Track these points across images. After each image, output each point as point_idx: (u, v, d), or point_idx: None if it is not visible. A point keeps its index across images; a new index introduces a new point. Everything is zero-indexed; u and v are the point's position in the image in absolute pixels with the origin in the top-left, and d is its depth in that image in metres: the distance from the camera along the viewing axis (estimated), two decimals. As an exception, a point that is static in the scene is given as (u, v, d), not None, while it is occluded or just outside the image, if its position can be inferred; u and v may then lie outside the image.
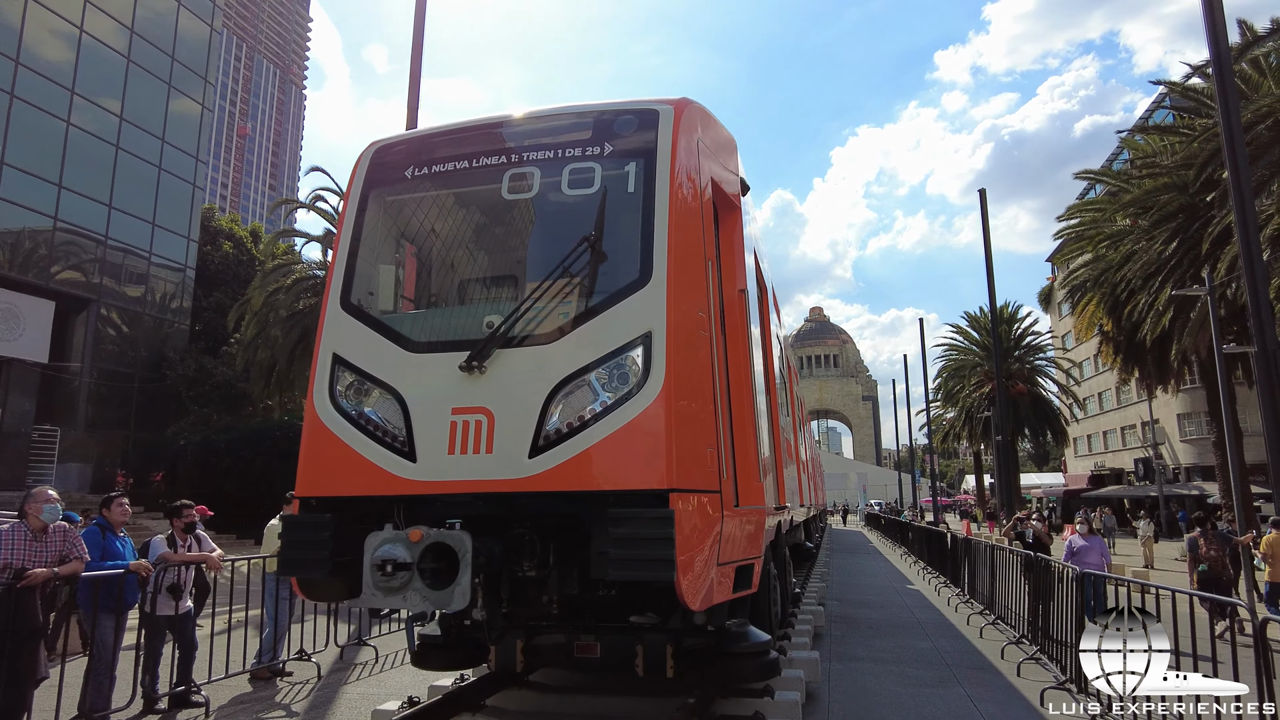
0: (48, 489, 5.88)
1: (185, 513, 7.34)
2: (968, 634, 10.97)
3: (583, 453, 4.05)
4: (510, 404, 4.22)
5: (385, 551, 3.94)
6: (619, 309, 4.27)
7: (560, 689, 6.59)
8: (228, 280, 33.84)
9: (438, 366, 4.42)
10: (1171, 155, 21.30)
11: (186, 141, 31.91)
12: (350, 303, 4.85)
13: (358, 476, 4.39)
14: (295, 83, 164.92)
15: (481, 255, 5.28)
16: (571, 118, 4.99)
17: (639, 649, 5.39)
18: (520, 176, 4.80)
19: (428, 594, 3.89)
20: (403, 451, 4.32)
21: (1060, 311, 65.87)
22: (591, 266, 4.39)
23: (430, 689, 6.62)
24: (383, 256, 5.13)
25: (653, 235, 4.37)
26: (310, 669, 8.36)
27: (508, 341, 4.34)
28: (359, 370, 4.61)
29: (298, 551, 4.34)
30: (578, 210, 4.64)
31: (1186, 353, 22.49)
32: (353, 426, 4.49)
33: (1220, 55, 11.84)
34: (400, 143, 5.29)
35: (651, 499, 3.96)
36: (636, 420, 4.03)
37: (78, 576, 5.90)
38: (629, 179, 4.61)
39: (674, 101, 4.87)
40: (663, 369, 4.09)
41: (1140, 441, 49.96)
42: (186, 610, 7.04)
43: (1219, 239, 17.95)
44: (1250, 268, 11.36)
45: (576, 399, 4.17)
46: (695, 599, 4.05)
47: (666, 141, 4.62)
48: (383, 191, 5.16)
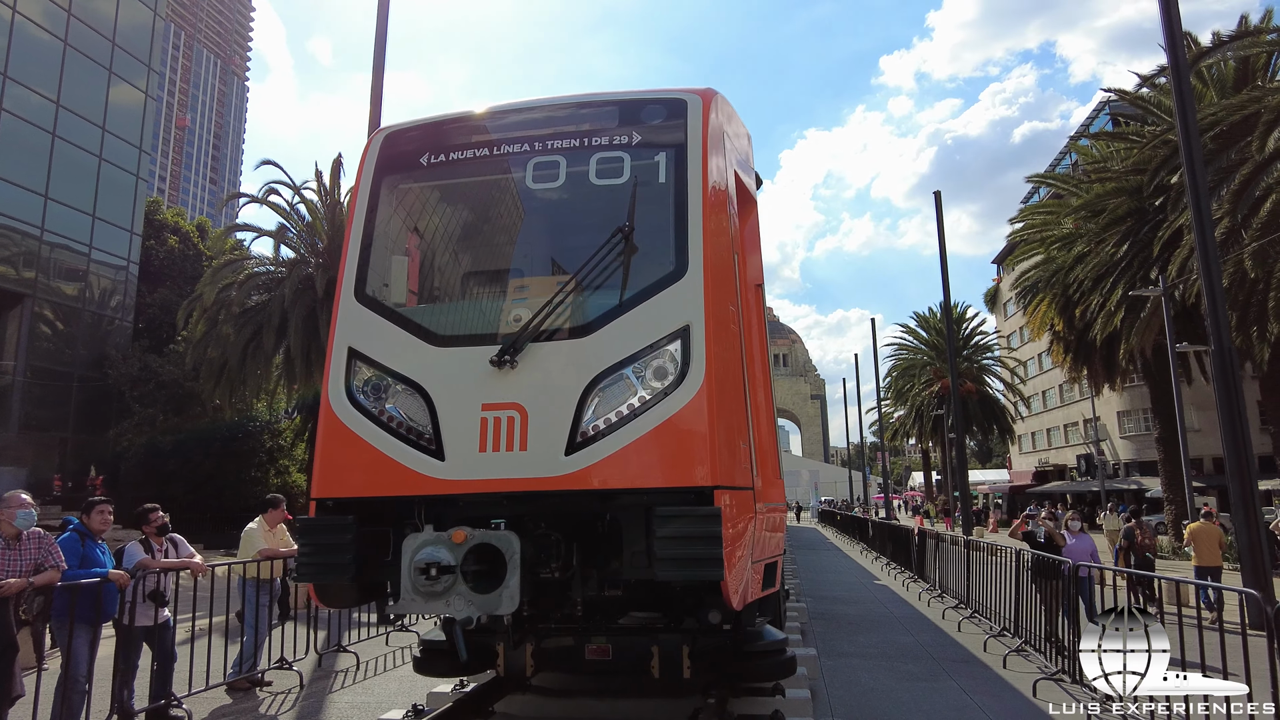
0: (20, 493, 5.49)
1: (153, 516, 6.96)
2: (945, 628, 11.13)
3: (622, 450, 3.92)
4: (544, 400, 4.07)
5: (428, 554, 3.74)
6: (655, 302, 4.16)
7: (565, 692, 6.44)
8: (173, 276, 32.60)
9: (465, 361, 4.23)
10: (1122, 161, 22.04)
11: (129, 131, 30.63)
12: (366, 294, 4.62)
13: (381, 476, 4.18)
14: (237, 74, 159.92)
15: (505, 246, 5.09)
16: (595, 106, 4.85)
17: (654, 650, 5.28)
18: (545, 165, 4.64)
19: (472, 597, 3.71)
20: (429, 450, 4.13)
21: (1006, 312, 67.88)
22: (625, 258, 4.26)
23: (430, 695, 6.41)
24: (397, 247, 4.91)
25: (687, 227, 4.26)
26: (290, 678, 8.03)
27: (539, 335, 4.19)
28: (378, 365, 4.39)
29: (320, 556, 4.10)
30: (607, 200, 4.51)
31: (1134, 351, 23.29)
32: (373, 424, 4.27)
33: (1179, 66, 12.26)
34: (412, 130, 5.07)
35: (695, 497, 3.86)
36: (677, 416, 3.92)
37: (54, 586, 5.53)
38: (660, 169, 4.49)
39: (700, 91, 4.77)
40: (703, 364, 3.99)
41: (1082, 438, 51.76)
42: (165, 620, 6.67)
43: (1169, 242, 18.63)
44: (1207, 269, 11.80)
45: (613, 394, 4.04)
46: (736, 598, 3.97)
47: (697, 132, 4.52)
48: (395, 179, 4.94)
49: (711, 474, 3.84)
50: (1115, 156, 23.54)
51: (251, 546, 8.20)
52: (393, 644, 10.08)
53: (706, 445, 3.88)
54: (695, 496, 3.86)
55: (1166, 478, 25.35)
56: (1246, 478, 11.76)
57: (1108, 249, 21.46)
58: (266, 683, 7.87)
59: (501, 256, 5.11)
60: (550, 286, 4.43)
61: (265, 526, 8.51)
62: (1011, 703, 7.15)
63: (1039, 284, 27.24)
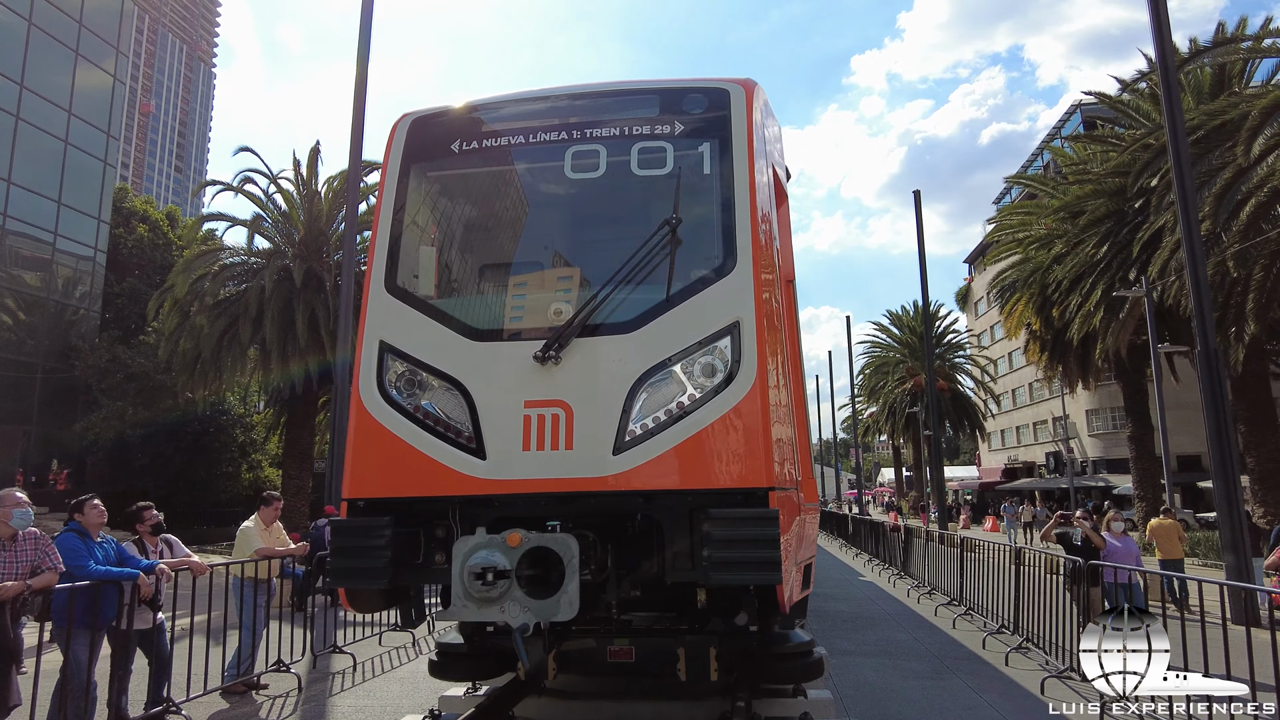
0: (16, 490, 5.21)
1: (147, 514, 6.69)
2: (940, 625, 11.18)
3: (672, 449, 3.81)
4: (590, 396, 3.94)
5: (484, 558, 3.59)
6: (704, 296, 4.04)
7: (581, 695, 6.30)
8: (142, 265, 31.73)
9: (506, 356, 4.08)
10: (1102, 163, 22.37)
11: (96, 115, 29.71)
12: (396, 285, 4.44)
13: (417, 476, 4.01)
14: (204, 60, 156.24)
15: (543, 237, 4.93)
16: (634, 94, 4.72)
17: (680, 653, 5.18)
18: (585, 154, 4.49)
19: (529, 603, 3.57)
20: (469, 448, 3.98)
21: (977, 311, 68.88)
22: (672, 251, 4.14)
23: (442, 699, 6.24)
24: (427, 236, 4.73)
25: (734, 220, 4.15)
26: (287, 680, 7.80)
27: (584, 330, 4.05)
28: (413, 359, 4.22)
29: (355, 560, 3.92)
30: (649, 191, 4.39)
31: (1109, 351, 23.68)
32: (408, 420, 4.10)
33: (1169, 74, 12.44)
34: (440, 115, 4.88)
35: (748, 498, 3.76)
36: (729, 415, 3.82)
37: (52, 589, 5.26)
38: (704, 160, 4.38)
39: (741, 81, 4.66)
40: (754, 361, 3.89)
41: (1051, 436, 52.70)
42: (160, 623, 6.42)
43: (1149, 243, 18.95)
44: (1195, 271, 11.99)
45: (662, 391, 3.93)
46: (785, 601, 3.89)
47: (741, 123, 4.41)
48: (425, 167, 4.76)
49: (766, 475, 3.75)
50: (1095, 159, 23.88)
51: (248, 545, 7.95)
52: (387, 644, 9.87)
53: (760, 445, 3.78)
54: (748, 498, 3.76)
55: (1139, 475, 25.84)
56: (1231, 476, 12.00)
57: (1087, 250, 21.77)
58: (262, 686, 7.64)
59: (539, 248, 4.95)
60: (592, 279, 4.29)
61: (261, 524, 8.24)
62: (1021, 701, 7.17)
63: (1017, 283, 27.59)
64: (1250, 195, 15.21)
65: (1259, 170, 14.85)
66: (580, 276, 4.45)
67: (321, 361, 23.29)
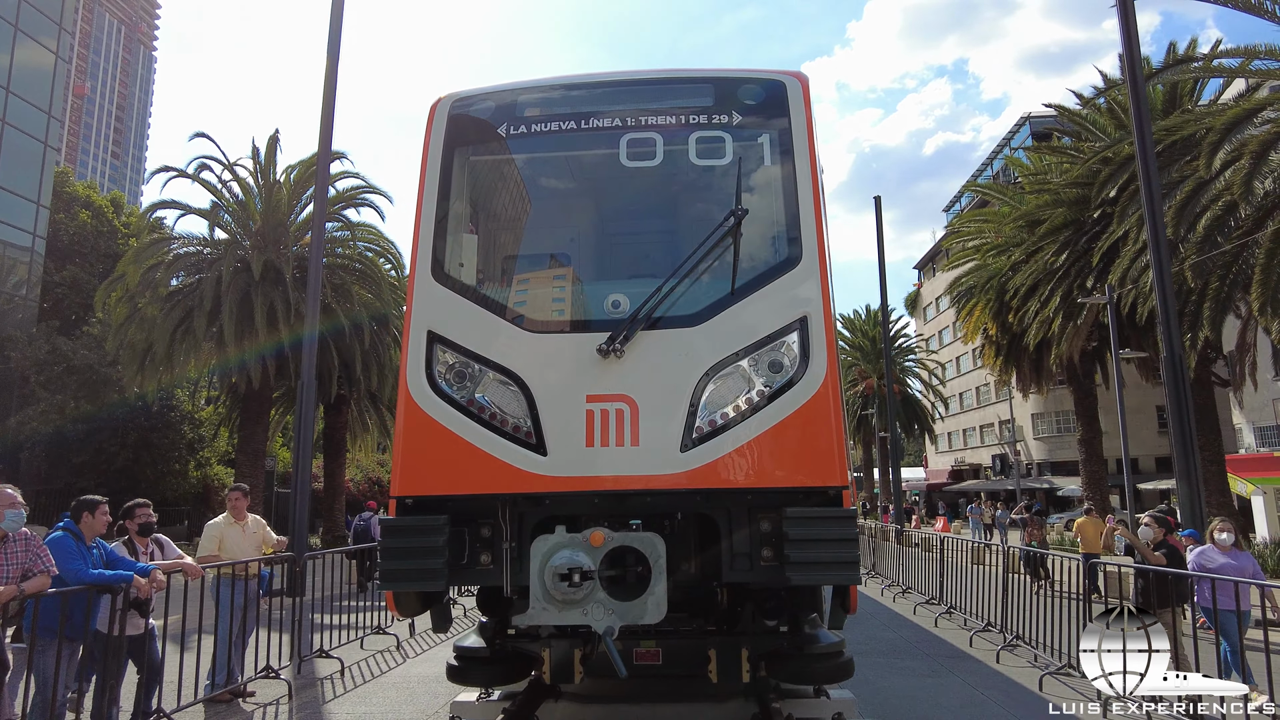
0: (7, 487, 4.83)
1: (139, 512, 6.33)
2: (922, 624, 11.33)
3: (743, 446, 3.71)
4: (655, 391, 3.82)
5: (568, 559, 3.43)
6: (770, 290, 3.96)
7: (600, 698, 6.17)
8: (84, 253, 30.27)
9: (566, 349, 3.93)
10: (1062, 174, 23.03)
11: (37, 94, 28.26)
12: (444, 273, 4.24)
13: (474, 472, 3.83)
14: (143, 42, 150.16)
15: (598, 225, 4.78)
16: (688, 83, 4.61)
17: (712, 654, 5.09)
18: (641, 142, 4.36)
19: (613, 605, 3.43)
20: (530, 444, 3.81)
21: (925, 316, 70.55)
22: (736, 243, 4.04)
23: (454, 705, 6.02)
24: (474, 223, 4.54)
25: (798, 213, 4.08)
26: (276, 687, 7.46)
27: (648, 323, 3.93)
28: (464, 350, 4.03)
29: (410, 561, 3.72)
30: (709, 181, 4.29)
31: (1063, 356, 24.39)
32: (462, 414, 3.91)
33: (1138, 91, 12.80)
34: (483, 98, 4.69)
35: (822, 496, 3.69)
36: (801, 411, 3.74)
37: (44, 594, 4.91)
38: (764, 151, 4.30)
39: (794, 74, 4.59)
40: (824, 357, 3.82)
41: (998, 439, 54.23)
42: (150, 629, 6.06)
43: (1109, 252, 19.57)
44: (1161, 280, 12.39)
45: (729, 387, 3.83)
46: (854, 601, 3.83)
47: (800, 115, 4.34)
48: (469, 151, 4.56)
49: (840, 473, 3.69)
50: (1053, 169, 24.59)
51: (210, 539, 7.50)
52: (369, 648, 9.56)
53: (834, 443, 3.72)
54: (822, 496, 3.69)
55: (1088, 477, 26.67)
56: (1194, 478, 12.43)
57: (1046, 257, 22.38)
58: (249, 693, 7.29)
59: (594, 237, 4.80)
60: (651, 270, 4.18)
61: (230, 518, 7.76)
62: (1021, 697, 7.27)
63: (974, 289, 28.26)
64: (1207, 208, 15.80)
65: (1217, 184, 15.44)
66: (638, 267, 4.33)
67: (280, 356, 22.58)
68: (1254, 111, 15.34)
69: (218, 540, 7.44)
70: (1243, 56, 17.76)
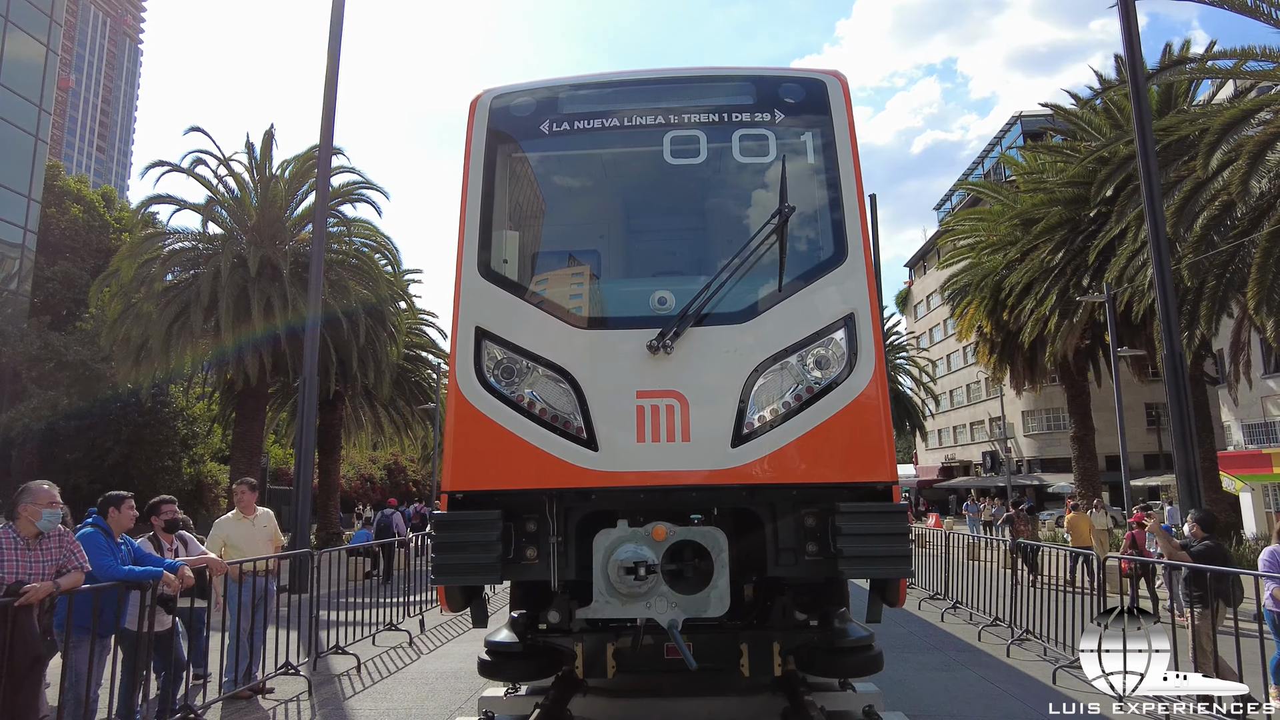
0: (44, 484, 4.80)
1: (165, 508, 6.31)
2: (929, 619, 11.42)
3: (794, 442, 3.76)
4: (704, 387, 3.85)
5: (633, 552, 3.47)
6: (817, 288, 4.01)
7: (626, 692, 6.19)
8: (76, 248, 29.97)
9: (616, 345, 3.96)
10: (1058, 173, 23.22)
11: (28, 87, 27.96)
12: (490, 269, 4.26)
13: (526, 467, 3.85)
14: (129, 35, 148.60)
15: (642, 222, 4.81)
16: (728, 81, 4.64)
17: (744, 648, 5.13)
18: (685, 140, 4.39)
19: (676, 599, 3.47)
20: (580, 439, 3.84)
21: (917, 314, 70.92)
22: (782, 240, 4.08)
23: (481, 700, 6.04)
24: (517, 219, 4.55)
25: (843, 211, 4.13)
26: (295, 684, 7.45)
27: (697, 319, 3.96)
28: (513, 346, 4.05)
29: (464, 556, 3.74)
30: (753, 179, 4.33)
31: (1057, 354, 24.60)
32: (512, 410, 3.94)
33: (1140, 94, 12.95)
34: (524, 94, 4.70)
35: (871, 491, 3.74)
36: (851, 408, 3.79)
37: (77, 590, 4.89)
38: (808, 150, 4.34)
39: (833, 73, 4.63)
40: (872, 354, 3.87)
41: (988, 436, 54.64)
42: (175, 625, 6.05)
43: (1105, 251, 19.75)
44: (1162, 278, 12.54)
45: (778, 383, 3.87)
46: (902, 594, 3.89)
47: (842, 113, 4.38)
48: (512, 147, 4.58)
49: (890, 469, 3.75)
50: (1049, 169, 24.78)
51: (217, 535, 7.45)
52: (381, 643, 9.55)
53: (883, 439, 3.77)
54: (868, 491, 3.74)
55: (1080, 473, 26.94)
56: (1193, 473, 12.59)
57: (1043, 255, 22.56)
58: (268, 690, 7.27)
59: (638, 234, 4.83)
60: (694, 267, 4.21)
61: (239, 514, 7.71)
62: (1038, 691, 7.36)
63: (969, 287, 28.44)
64: (1204, 208, 15.99)
65: (1215, 183, 15.62)
66: (683, 264, 4.36)
67: (276, 353, 22.48)
68: (1251, 112, 15.52)
69: (220, 541, 7.35)
70: (1237, 58, 17.94)
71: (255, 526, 7.67)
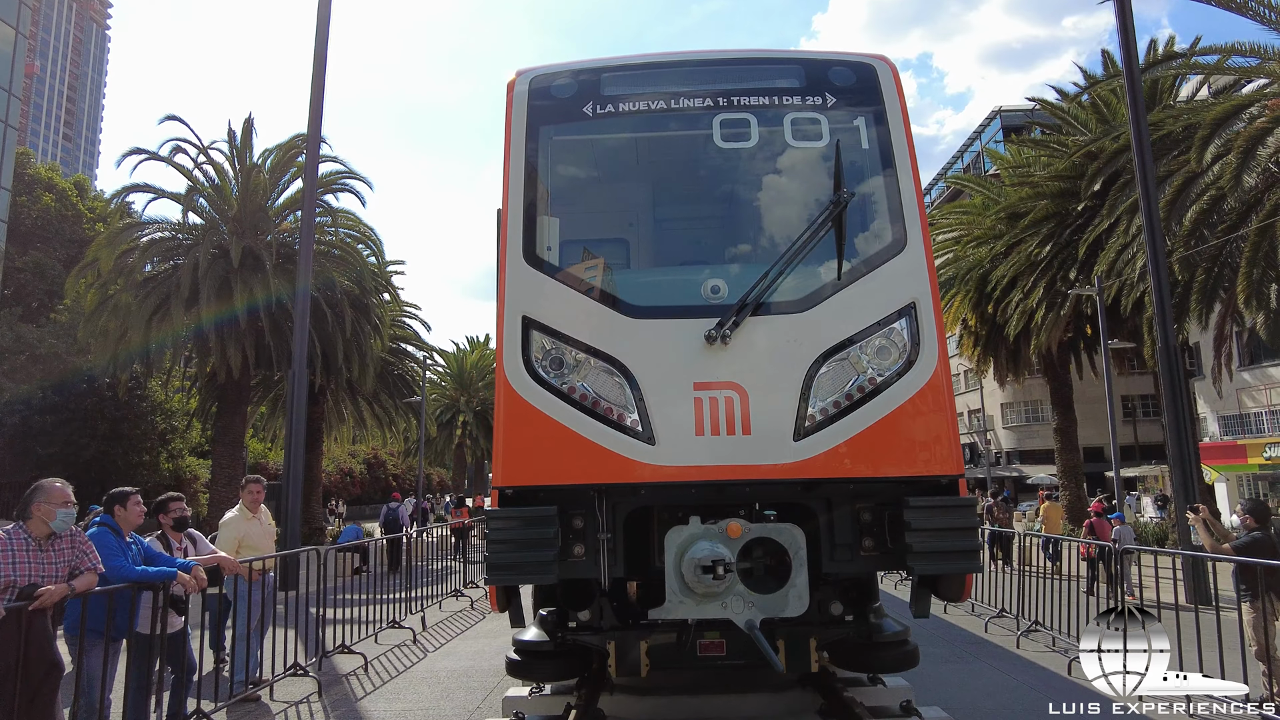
0: (56, 481, 4.57)
1: (173, 506, 6.07)
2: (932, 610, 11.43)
3: (859, 434, 3.66)
4: (764, 379, 3.73)
5: (710, 550, 3.34)
6: (878, 276, 3.90)
7: (655, 690, 6.07)
8: (48, 238, 29.13)
9: (670, 335, 3.82)
10: (1045, 167, 23.37)
11: (-4, 71, 27.08)
12: (536, 256, 4.10)
13: (581, 462, 3.71)
14: (96, 20, 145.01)
15: (692, 208, 4.66)
16: (776, 63, 4.51)
17: (780, 644, 5.04)
18: (735, 123, 4.25)
19: (753, 598, 3.35)
20: (636, 433, 3.70)
21: (896, 308, 71.44)
22: (840, 227, 3.96)
23: (506, 701, 5.90)
24: (560, 205, 4.38)
25: (900, 197, 4.02)
26: (302, 685, 7.26)
27: (755, 308, 3.83)
28: (563, 336, 3.90)
29: (520, 553, 3.58)
30: (806, 164, 4.20)
31: (1042, 347, 24.83)
32: (564, 402, 3.79)
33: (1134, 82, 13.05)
34: (563, 75, 4.52)
35: (929, 484, 3.64)
36: (916, 399, 3.70)
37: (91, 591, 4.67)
38: (861, 135, 4.22)
39: (880, 58, 4.52)
40: (934, 343, 3.78)
41: (967, 428, 55.21)
42: (184, 627, 5.83)
43: (1094, 244, 19.92)
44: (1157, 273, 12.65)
45: (838, 375, 3.76)
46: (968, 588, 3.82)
47: (894, 97, 4.27)
48: (553, 130, 4.40)
49: (956, 461, 3.66)
50: (1035, 162, 24.95)
51: (228, 535, 7.23)
52: (384, 642, 9.36)
53: (949, 431, 3.68)
54: (933, 484, 3.64)
55: (1063, 465, 27.25)
56: (1189, 465, 12.74)
57: (1030, 249, 22.71)
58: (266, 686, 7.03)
59: (688, 219, 4.69)
60: (747, 254, 4.08)
61: (246, 512, 7.50)
62: (1055, 683, 7.36)
63: (954, 280, 28.61)
64: (1195, 202, 16.15)
65: (1206, 177, 15.78)
66: (734, 251, 4.23)
67: (259, 345, 22.07)
68: (1241, 108, 15.69)
69: (236, 540, 7.13)
70: (1221, 54, 18.14)
71: (263, 524, 7.50)
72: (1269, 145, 14.85)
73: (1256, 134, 15.30)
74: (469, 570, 14.83)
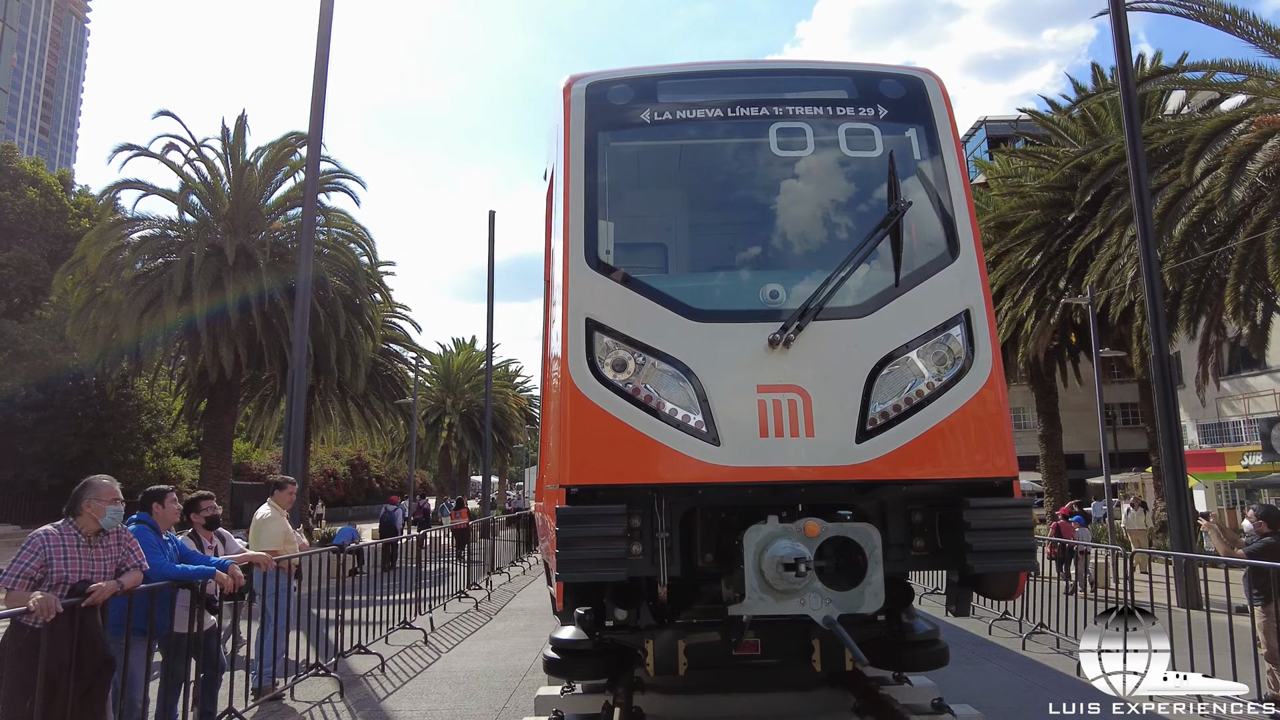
0: (104, 478, 4.56)
1: (204, 504, 6.07)
2: (933, 611, 11.59)
3: (918, 438, 3.77)
4: (826, 382, 3.84)
5: (790, 548, 3.43)
6: (933, 284, 4.02)
7: (686, 689, 6.14)
8: (32, 233, 28.68)
9: (734, 339, 3.92)
10: (1035, 178, 23.78)
11: (-18, 63, 26.61)
12: (598, 260, 4.17)
13: (645, 461, 3.79)
14: (75, 13, 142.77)
15: (745, 215, 4.75)
16: (828, 74, 4.64)
17: (815, 643, 5.13)
18: (791, 132, 4.37)
19: (830, 595, 3.44)
20: (701, 434, 3.79)
21: (880, 314, 72.02)
22: (896, 235, 4.08)
23: (539, 700, 5.95)
24: (618, 209, 4.46)
25: (953, 207, 4.15)
26: (322, 685, 7.25)
27: (816, 313, 3.94)
28: (627, 338, 3.97)
29: (591, 551, 3.64)
30: (860, 173, 4.32)
31: (1030, 355, 25.22)
32: (628, 403, 3.86)
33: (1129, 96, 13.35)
34: (621, 81, 4.61)
35: (984, 486, 3.76)
36: (973, 403, 3.82)
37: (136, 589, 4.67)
38: (913, 146, 4.35)
39: (927, 70, 4.66)
40: (989, 350, 3.91)
41: (950, 433, 55.91)
42: (212, 625, 5.82)
43: (1084, 254, 20.30)
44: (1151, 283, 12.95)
45: (898, 379, 3.88)
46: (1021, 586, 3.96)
47: (942, 110, 4.41)
48: (611, 135, 4.48)
49: (1011, 464, 3.79)
50: (1024, 173, 25.37)
51: (275, 532, 7.23)
52: (395, 642, 9.34)
53: (1005, 434, 3.81)
54: (987, 486, 3.77)
55: (1048, 471, 27.69)
56: (1179, 472, 13.03)
57: (1020, 258, 23.07)
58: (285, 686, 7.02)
59: (745, 225, 4.77)
60: (805, 261, 4.19)
61: (281, 510, 7.51)
62: (1068, 683, 7.50)
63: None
64: (1184, 214, 16.54)
65: (1196, 190, 16.16)
66: (791, 257, 4.33)
67: (251, 344, 21.92)
68: (1232, 123, 16.07)
69: (282, 535, 7.17)
70: (1208, 70, 18.58)
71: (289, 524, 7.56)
72: (1257, 160, 15.24)
73: (1245, 149, 15.70)
74: (471, 571, 14.82)
